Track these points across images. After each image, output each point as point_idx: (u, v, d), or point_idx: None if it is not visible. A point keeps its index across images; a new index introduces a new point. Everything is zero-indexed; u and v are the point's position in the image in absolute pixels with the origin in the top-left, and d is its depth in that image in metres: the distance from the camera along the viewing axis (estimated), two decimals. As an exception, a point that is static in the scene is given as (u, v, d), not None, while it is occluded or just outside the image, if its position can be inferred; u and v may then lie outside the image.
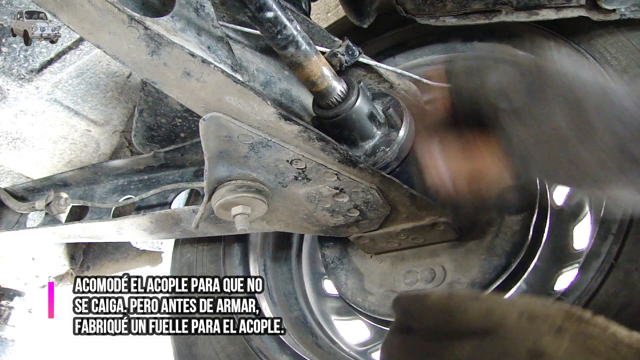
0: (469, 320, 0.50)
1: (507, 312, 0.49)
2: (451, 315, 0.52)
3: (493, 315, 0.49)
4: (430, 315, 0.54)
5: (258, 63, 0.91)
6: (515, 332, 0.47)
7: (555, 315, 0.47)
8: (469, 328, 0.50)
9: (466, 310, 0.51)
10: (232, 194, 0.80)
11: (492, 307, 0.50)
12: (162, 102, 1.11)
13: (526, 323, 0.47)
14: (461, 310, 0.51)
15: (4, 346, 1.85)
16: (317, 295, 1.24)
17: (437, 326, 0.53)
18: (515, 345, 0.46)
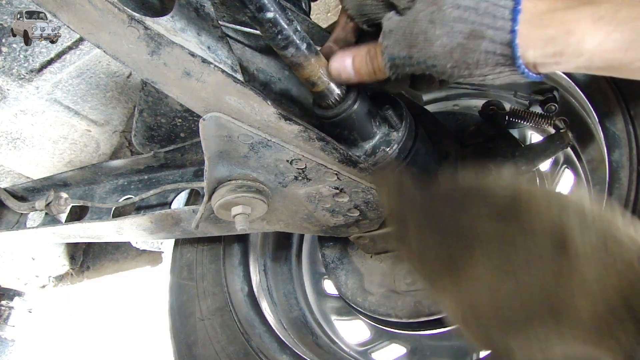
0: (497, 200, 0.50)
1: (534, 194, 0.49)
2: (479, 194, 0.52)
3: (519, 197, 0.49)
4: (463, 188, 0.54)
5: (258, 63, 0.91)
6: (543, 216, 0.47)
7: (588, 212, 0.46)
8: (496, 206, 0.50)
9: (494, 190, 0.51)
10: (232, 194, 0.80)
11: (518, 187, 0.50)
12: (162, 102, 1.11)
13: (556, 211, 0.47)
14: (489, 190, 0.51)
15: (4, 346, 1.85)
16: (317, 295, 1.24)
17: (466, 197, 0.53)
18: (541, 229, 0.46)
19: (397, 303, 0.95)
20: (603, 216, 0.46)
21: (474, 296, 0.50)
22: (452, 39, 0.57)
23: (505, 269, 0.48)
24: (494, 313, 0.48)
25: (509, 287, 0.47)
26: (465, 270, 0.50)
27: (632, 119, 0.82)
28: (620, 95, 0.85)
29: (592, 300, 0.44)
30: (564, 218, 0.46)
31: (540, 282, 0.46)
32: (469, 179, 0.54)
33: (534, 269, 0.46)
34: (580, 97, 0.92)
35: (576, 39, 0.53)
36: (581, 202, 0.48)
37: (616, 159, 0.83)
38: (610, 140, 0.85)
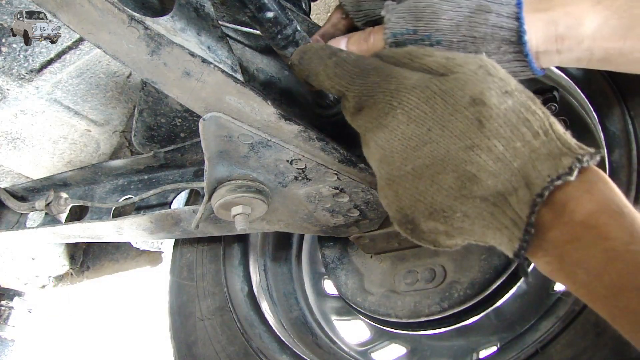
0: (429, 62, 0.52)
1: (468, 61, 0.51)
2: (416, 56, 0.54)
3: (454, 61, 0.51)
4: (396, 51, 0.56)
5: (258, 63, 0.91)
6: (468, 78, 0.49)
7: (511, 81, 0.49)
8: (427, 66, 0.52)
9: (431, 55, 0.53)
10: (232, 194, 0.80)
11: (456, 56, 0.52)
12: (162, 102, 1.11)
13: (481, 75, 0.49)
14: (427, 54, 0.53)
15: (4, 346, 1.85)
16: (317, 295, 1.24)
17: (397, 58, 0.55)
18: (461, 88, 0.48)
19: (397, 303, 0.95)
20: (523, 89, 0.49)
21: (389, 144, 0.51)
22: (459, 13, 0.57)
23: (421, 122, 0.49)
24: (404, 164, 0.49)
25: (421, 140, 0.48)
26: (386, 119, 0.51)
27: (632, 119, 0.82)
28: (620, 95, 0.85)
29: (494, 177, 0.45)
30: (486, 84, 0.48)
31: (452, 148, 0.47)
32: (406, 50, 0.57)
33: (448, 128, 0.47)
34: (580, 97, 0.92)
35: (575, 21, 0.55)
36: (505, 74, 0.50)
37: (616, 159, 0.83)
38: (610, 140, 0.85)
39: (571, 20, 0.55)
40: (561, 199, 0.43)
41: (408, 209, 0.49)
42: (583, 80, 0.92)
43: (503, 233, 0.45)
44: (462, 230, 0.48)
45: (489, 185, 0.45)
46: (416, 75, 0.51)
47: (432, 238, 0.50)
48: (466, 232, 0.48)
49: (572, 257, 0.42)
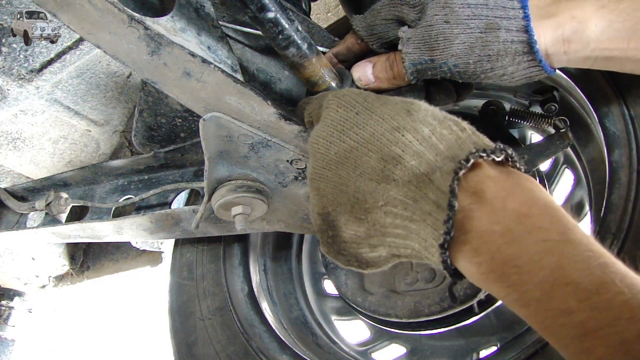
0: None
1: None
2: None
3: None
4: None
5: (258, 63, 0.91)
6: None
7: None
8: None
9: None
10: (232, 194, 0.80)
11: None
12: (162, 102, 1.10)
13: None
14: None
15: (4, 346, 1.85)
16: (317, 295, 1.24)
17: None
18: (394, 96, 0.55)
19: (397, 303, 0.95)
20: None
21: (317, 133, 0.53)
22: (470, 35, 0.59)
23: (351, 107, 0.51)
24: (328, 150, 0.51)
25: (349, 124, 0.50)
26: (321, 113, 0.55)
27: (632, 119, 0.82)
28: (620, 96, 0.85)
29: (419, 158, 0.45)
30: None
31: (378, 130, 0.48)
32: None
33: (377, 113, 0.49)
34: (580, 97, 0.92)
35: (581, 26, 0.56)
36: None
37: (616, 159, 0.83)
38: (610, 140, 0.84)
39: (576, 24, 0.56)
40: (489, 185, 0.42)
41: (330, 204, 0.49)
42: (583, 80, 0.92)
43: (427, 224, 0.43)
44: (385, 232, 0.46)
45: (412, 166, 0.44)
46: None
47: (353, 250, 0.48)
48: (389, 234, 0.45)
49: (505, 253, 0.40)
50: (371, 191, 0.46)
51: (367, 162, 0.46)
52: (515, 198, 0.41)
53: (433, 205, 0.42)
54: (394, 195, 0.45)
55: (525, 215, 0.41)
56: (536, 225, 0.40)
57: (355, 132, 0.48)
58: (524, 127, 1.02)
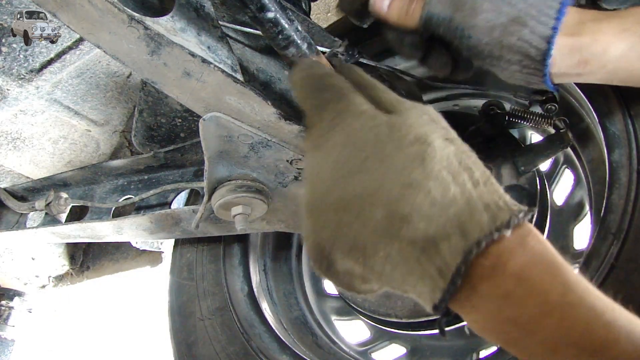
0: (383, 96, 0.53)
1: (415, 106, 0.51)
2: (375, 86, 0.54)
3: (403, 104, 0.51)
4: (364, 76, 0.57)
5: (258, 63, 0.91)
6: (414, 119, 0.48)
7: (452, 131, 0.50)
8: (378, 99, 0.52)
9: (387, 92, 0.53)
10: (232, 194, 0.80)
11: (405, 100, 0.52)
12: (162, 102, 1.11)
13: (426, 120, 0.49)
14: (385, 90, 0.53)
15: (4, 346, 1.85)
16: (317, 295, 1.24)
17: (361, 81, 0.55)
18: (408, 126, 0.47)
19: (397, 303, 0.95)
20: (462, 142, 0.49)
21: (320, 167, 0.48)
22: (497, 17, 0.58)
23: (359, 149, 0.46)
24: (331, 190, 0.46)
25: (355, 168, 0.46)
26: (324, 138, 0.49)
27: (632, 119, 0.82)
28: (620, 95, 0.85)
29: (428, 221, 0.42)
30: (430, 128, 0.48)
31: (387, 183, 0.44)
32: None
33: (388, 161, 0.45)
34: (580, 97, 0.92)
35: (601, 48, 0.56)
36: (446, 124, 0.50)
37: (616, 159, 0.83)
38: (610, 140, 0.84)
39: (598, 47, 0.56)
40: (494, 251, 0.41)
41: (327, 242, 0.46)
42: (583, 80, 0.92)
43: (425, 282, 0.42)
44: (381, 275, 0.45)
45: (420, 228, 0.42)
46: (367, 105, 0.50)
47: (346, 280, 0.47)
48: (385, 277, 0.45)
49: (504, 313, 0.40)
50: (373, 242, 0.44)
51: (372, 214, 0.44)
52: (516, 261, 0.41)
53: (436, 271, 0.42)
54: (397, 251, 0.43)
55: (525, 279, 0.41)
56: (536, 288, 0.40)
57: (362, 179, 0.45)
58: (524, 127, 1.02)
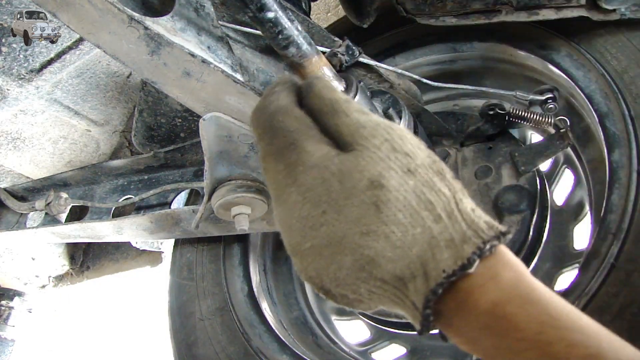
0: (342, 125, 0.49)
1: (375, 134, 0.47)
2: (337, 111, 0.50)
3: (363, 131, 0.48)
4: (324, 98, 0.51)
5: (258, 63, 0.91)
6: (369, 157, 0.46)
7: (417, 156, 0.46)
8: (338, 131, 0.49)
9: (348, 115, 0.49)
10: (232, 194, 0.80)
11: (367, 124, 0.48)
12: (162, 102, 1.11)
13: (385, 152, 0.46)
14: (346, 112, 0.49)
15: (4, 346, 1.85)
16: (317, 295, 1.24)
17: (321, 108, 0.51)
18: (361, 169, 0.45)
19: (397, 303, 0.95)
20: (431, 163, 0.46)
21: (288, 221, 0.48)
22: None
23: (316, 204, 0.46)
24: (303, 241, 0.47)
25: (318, 222, 0.46)
26: (284, 194, 0.49)
27: (632, 119, 0.82)
28: (620, 95, 0.85)
29: (393, 263, 0.43)
30: (387, 163, 0.45)
31: (348, 233, 0.44)
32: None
33: (343, 213, 0.45)
34: (580, 97, 0.93)
35: None
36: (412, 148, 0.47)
37: (616, 159, 0.83)
38: (610, 140, 0.84)
39: None
40: (464, 287, 0.41)
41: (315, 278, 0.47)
42: (583, 81, 0.92)
43: (408, 312, 0.44)
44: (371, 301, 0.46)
45: (388, 270, 0.43)
46: (319, 151, 0.48)
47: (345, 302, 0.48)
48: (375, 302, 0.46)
49: (484, 343, 0.41)
50: (352, 281, 0.45)
51: (344, 260, 0.45)
52: (489, 298, 0.41)
53: (411, 306, 0.43)
54: (374, 288, 0.45)
55: (500, 316, 0.40)
56: (511, 327, 0.40)
57: (326, 231, 0.46)
58: (524, 127, 1.02)
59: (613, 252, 0.76)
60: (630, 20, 0.87)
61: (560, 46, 0.96)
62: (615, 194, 0.80)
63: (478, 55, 1.10)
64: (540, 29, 0.98)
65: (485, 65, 1.11)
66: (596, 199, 0.93)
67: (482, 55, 1.09)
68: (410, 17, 1.00)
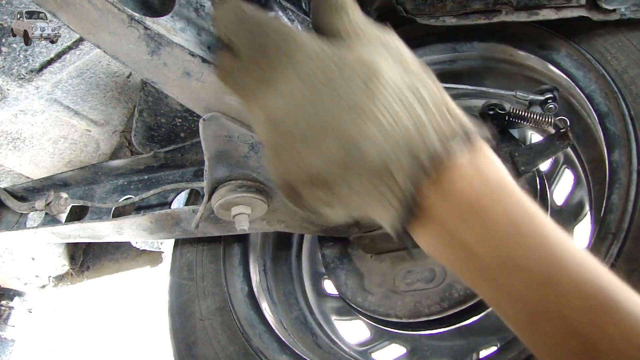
0: (344, 21, 0.50)
1: (369, 29, 0.50)
2: (342, 7, 0.51)
3: (357, 25, 0.50)
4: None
5: (258, 63, 0.91)
6: (366, 46, 0.48)
7: (408, 55, 0.50)
8: (336, 29, 0.50)
9: (350, 12, 0.51)
10: (232, 194, 0.80)
11: (364, 26, 0.51)
12: (162, 102, 1.11)
13: (379, 45, 0.49)
14: (348, 9, 0.51)
15: (4, 346, 1.85)
16: (317, 295, 1.24)
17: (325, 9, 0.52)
18: (358, 56, 0.47)
19: (397, 303, 0.95)
20: (420, 66, 0.48)
21: (274, 104, 0.48)
22: None
23: (311, 83, 0.47)
24: (287, 126, 0.47)
25: (308, 102, 0.46)
26: (275, 75, 0.48)
27: (632, 119, 0.82)
28: (620, 95, 0.85)
29: (378, 147, 0.43)
30: (383, 54, 0.47)
31: (339, 107, 0.45)
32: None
33: (337, 92, 0.45)
34: (580, 97, 0.93)
35: None
36: (403, 46, 0.50)
37: (616, 159, 0.83)
38: (610, 140, 0.84)
39: None
40: (447, 177, 0.42)
41: (290, 176, 0.47)
42: (583, 81, 0.92)
43: (386, 209, 0.44)
44: (346, 203, 0.46)
45: (372, 156, 0.43)
46: (315, 42, 0.49)
47: (313, 208, 0.49)
48: (350, 204, 0.46)
49: (457, 237, 0.42)
50: (333, 173, 0.45)
51: (327, 145, 0.45)
52: (469, 184, 0.42)
53: (393, 197, 0.43)
54: (355, 180, 0.44)
55: (479, 207, 0.41)
56: (488, 219, 0.41)
57: (316, 111, 0.46)
58: (524, 127, 1.02)
59: (613, 252, 0.76)
60: (630, 20, 0.87)
61: (560, 46, 0.96)
62: (615, 194, 0.80)
63: (478, 55, 1.10)
64: (540, 29, 0.98)
65: (485, 65, 1.11)
66: (596, 199, 0.93)
67: (482, 55, 1.09)
68: (410, 17, 1.00)
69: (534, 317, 0.39)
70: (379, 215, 0.45)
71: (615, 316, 0.37)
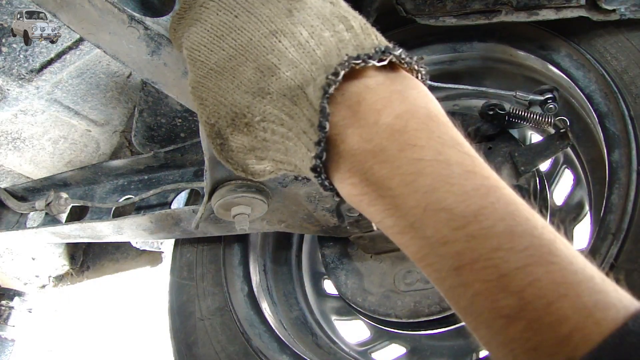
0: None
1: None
2: None
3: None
4: None
5: (258, 63, 0.91)
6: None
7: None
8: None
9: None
10: (232, 194, 0.80)
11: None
12: (162, 102, 1.11)
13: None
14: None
15: (4, 346, 1.85)
16: (317, 295, 1.24)
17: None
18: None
19: (397, 303, 0.95)
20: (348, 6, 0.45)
21: (197, 37, 0.46)
22: None
23: (230, 10, 0.44)
24: (208, 58, 0.45)
25: (227, 28, 0.44)
26: (199, 12, 0.47)
27: (632, 119, 0.82)
28: (620, 95, 0.85)
29: (294, 67, 0.40)
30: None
31: (257, 29, 0.42)
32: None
33: (255, 14, 0.43)
34: (580, 97, 0.93)
35: None
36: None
37: (616, 159, 0.83)
38: (610, 141, 0.85)
39: None
40: (365, 97, 0.37)
41: (213, 115, 0.45)
42: (583, 81, 0.92)
43: (301, 140, 0.39)
44: (267, 147, 0.42)
45: (287, 77, 0.39)
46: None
47: (240, 159, 0.46)
48: (271, 149, 0.42)
49: (377, 174, 0.36)
50: (248, 105, 0.42)
51: (244, 72, 0.42)
52: (392, 111, 0.36)
53: (307, 123, 0.38)
54: (269, 111, 0.41)
55: (399, 131, 0.36)
56: (410, 143, 0.35)
57: (234, 37, 0.43)
58: (524, 127, 1.02)
59: (613, 252, 0.76)
60: (630, 20, 0.87)
61: (560, 46, 0.96)
62: (615, 194, 0.80)
63: (478, 55, 1.10)
64: (540, 29, 0.98)
65: (485, 65, 1.11)
66: (596, 199, 0.93)
67: (482, 55, 1.09)
68: (410, 17, 1.00)
69: (459, 263, 0.33)
70: (297, 156, 0.40)
71: (556, 272, 0.31)
